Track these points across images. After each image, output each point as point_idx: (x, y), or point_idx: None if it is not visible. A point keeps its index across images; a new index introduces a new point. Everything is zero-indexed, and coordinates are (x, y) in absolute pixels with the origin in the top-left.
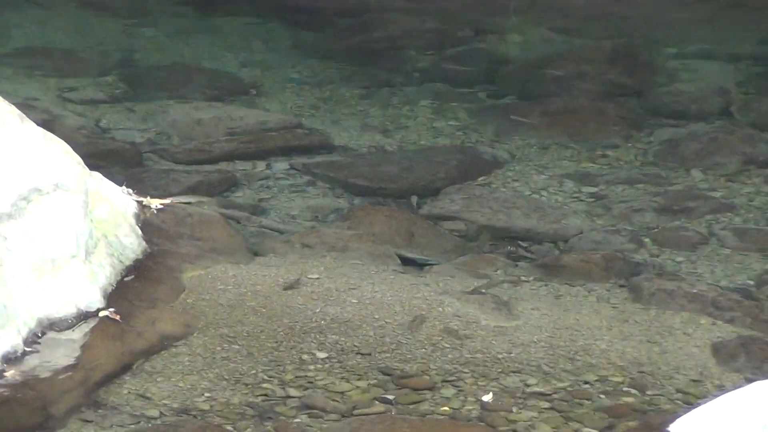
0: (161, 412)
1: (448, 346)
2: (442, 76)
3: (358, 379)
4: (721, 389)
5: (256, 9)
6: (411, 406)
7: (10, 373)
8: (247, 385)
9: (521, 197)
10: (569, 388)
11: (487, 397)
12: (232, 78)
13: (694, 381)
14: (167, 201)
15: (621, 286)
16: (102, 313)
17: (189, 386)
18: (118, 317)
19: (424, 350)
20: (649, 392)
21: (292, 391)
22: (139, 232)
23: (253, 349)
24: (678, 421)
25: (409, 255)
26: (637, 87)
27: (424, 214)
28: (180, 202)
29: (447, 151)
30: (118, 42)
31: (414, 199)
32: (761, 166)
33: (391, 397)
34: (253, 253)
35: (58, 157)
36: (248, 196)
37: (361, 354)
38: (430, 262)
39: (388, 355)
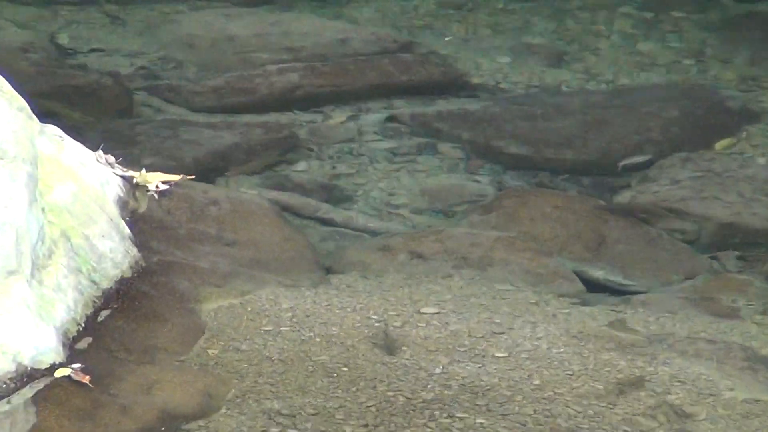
0: None
1: None
2: None
3: None
4: None
5: None
6: None
7: None
8: None
9: None
10: None
11: None
12: None
13: None
14: (176, 177)
15: None
16: (60, 372)
17: None
18: (87, 379)
19: None
20: None
21: None
22: (127, 231)
23: None
24: None
25: (598, 274)
26: None
27: (624, 205)
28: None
29: (664, 95)
30: None
31: (635, 160)
32: None
33: None
34: (324, 269)
35: None
36: (318, 170)
37: None
38: (633, 287)
39: None
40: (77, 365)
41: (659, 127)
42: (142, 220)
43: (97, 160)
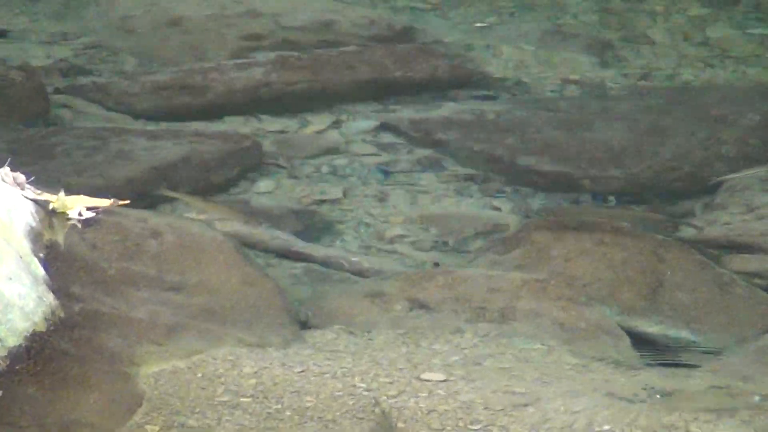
0: None
1: None
2: None
3: None
4: None
5: None
6: None
7: None
8: None
9: None
10: None
11: None
12: None
13: None
14: (105, 202)
15: None
16: None
17: None
18: None
19: None
20: None
21: None
22: (41, 271)
23: None
24: None
25: (653, 329)
26: None
27: (686, 239)
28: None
29: (740, 96)
30: None
31: (747, 173)
32: None
33: None
34: (298, 322)
35: None
36: (290, 193)
37: None
38: (698, 346)
39: None
40: None
41: (733, 138)
42: (60, 258)
43: (3, 180)
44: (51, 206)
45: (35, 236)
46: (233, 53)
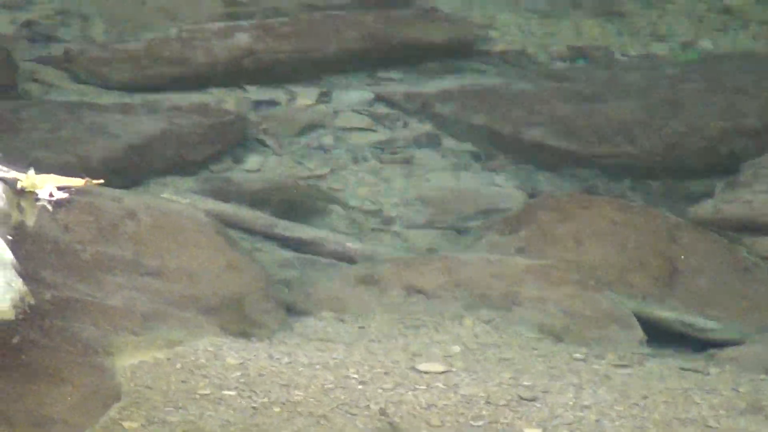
0: None
1: None
2: None
3: None
4: None
5: None
6: None
7: None
8: None
9: None
10: None
11: None
12: None
13: None
14: (78, 181)
15: None
16: None
17: None
18: None
19: None
20: None
21: None
22: (9, 255)
23: None
24: None
25: (669, 317)
26: None
27: (703, 220)
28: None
29: (762, 66)
30: None
31: None
32: None
33: None
34: (285, 309)
35: None
36: (276, 170)
37: None
38: (717, 335)
39: None
40: None
41: (755, 111)
42: (30, 241)
43: None
44: (19, 185)
45: (2, 217)
46: (214, 19)
